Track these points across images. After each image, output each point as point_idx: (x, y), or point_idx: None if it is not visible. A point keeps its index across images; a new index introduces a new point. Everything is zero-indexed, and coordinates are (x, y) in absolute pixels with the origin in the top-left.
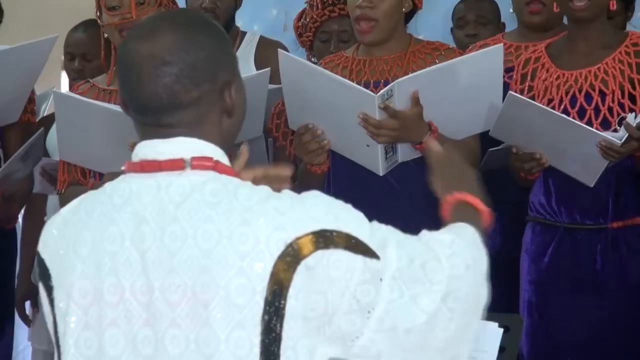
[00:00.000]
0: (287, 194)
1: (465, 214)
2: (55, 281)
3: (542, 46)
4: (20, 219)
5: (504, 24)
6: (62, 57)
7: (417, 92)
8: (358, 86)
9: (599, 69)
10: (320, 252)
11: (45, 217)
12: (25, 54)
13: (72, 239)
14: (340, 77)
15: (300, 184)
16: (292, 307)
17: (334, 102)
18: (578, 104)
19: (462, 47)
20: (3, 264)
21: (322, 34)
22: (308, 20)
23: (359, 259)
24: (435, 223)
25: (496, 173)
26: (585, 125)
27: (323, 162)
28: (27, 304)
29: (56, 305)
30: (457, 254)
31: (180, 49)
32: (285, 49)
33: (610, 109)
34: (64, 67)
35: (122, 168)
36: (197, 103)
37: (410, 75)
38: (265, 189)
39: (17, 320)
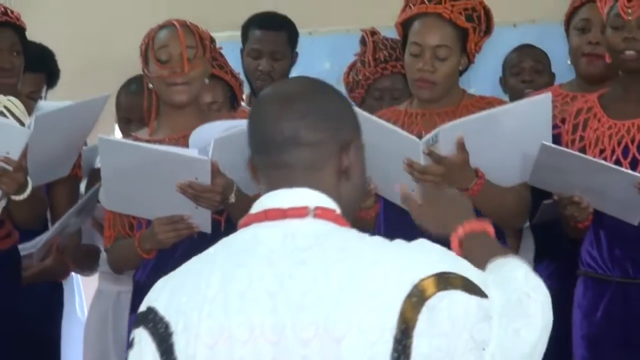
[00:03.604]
0: (400, 241)
1: (484, 244)
2: (177, 327)
3: (594, 96)
4: None
5: (554, 74)
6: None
7: (462, 138)
8: (403, 131)
9: None
10: (441, 294)
11: (99, 269)
12: (77, 112)
13: (194, 284)
14: (386, 122)
15: None
16: (417, 346)
17: (379, 147)
18: (630, 155)
19: (515, 94)
20: (53, 316)
21: (374, 91)
22: (360, 77)
23: (473, 300)
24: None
25: (549, 226)
26: (618, 167)
27: (371, 207)
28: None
29: (178, 350)
30: (535, 288)
31: (310, 91)
32: None
33: None
34: (120, 130)
35: (241, 221)
36: (315, 147)
37: (456, 121)
38: (381, 238)
39: None
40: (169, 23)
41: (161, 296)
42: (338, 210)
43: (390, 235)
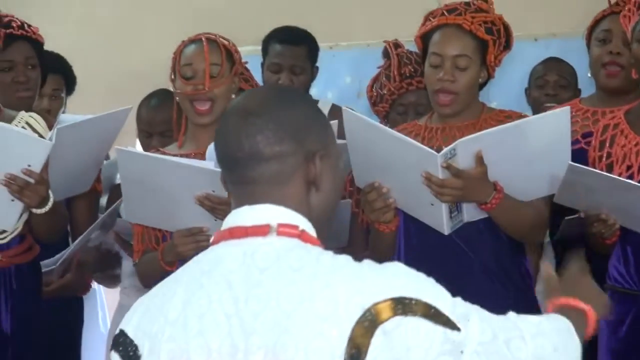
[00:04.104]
0: (368, 262)
1: (568, 315)
2: (143, 350)
3: (621, 112)
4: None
5: (579, 91)
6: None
7: (480, 151)
8: (420, 145)
9: None
10: (398, 318)
11: (120, 284)
12: (99, 125)
13: (159, 306)
14: (403, 136)
15: (372, 248)
16: None
17: (398, 160)
18: None
19: (538, 107)
20: (73, 330)
21: (398, 106)
22: (385, 91)
23: (439, 329)
24: (504, 287)
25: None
26: None
27: (390, 221)
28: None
29: None
30: (543, 334)
31: (268, 104)
32: None
33: None
34: (140, 143)
35: (211, 240)
36: (278, 159)
37: (474, 135)
38: (346, 257)
39: None
40: (197, 38)
41: (132, 318)
42: (303, 226)
43: (410, 247)
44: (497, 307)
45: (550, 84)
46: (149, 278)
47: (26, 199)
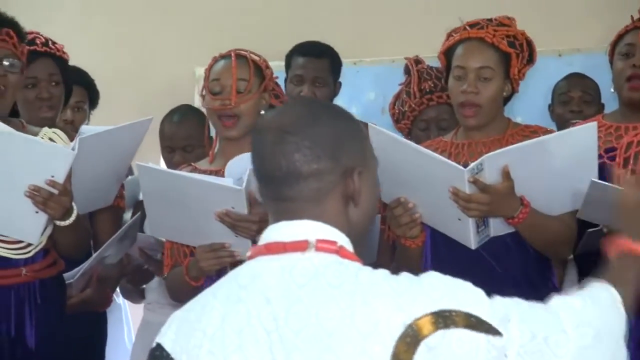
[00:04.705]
0: (405, 275)
1: (624, 270)
2: None
3: None
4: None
5: (603, 105)
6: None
7: (507, 166)
8: (447, 160)
9: None
10: (440, 332)
11: (144, 300)
12: (120, 135)
13: (196, 321)
14: (430, 151)
15: (398, 264)
16: None
17: (424, 175)
18: None
19: (563, 123)
20: (97, 345)
21: (420, 122)
22: (406, 108)
23: (482, 338)
24: (532, 301)
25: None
26: None
27: (417, 236)
28: None
29: None
30: (585, 323)
31: (304, 121)
32: None
33: None
34: (163, 159)
35: (248, 254)
36: (316, 177)
37: (501, 150)
38: (384, 272)
39: None
40: (227, 54)
41: (169, 332)
42: (341, 242)
43: (437, 262)
44: None
45: (575, 100)
46: (176, 292)
47: (50, 210)
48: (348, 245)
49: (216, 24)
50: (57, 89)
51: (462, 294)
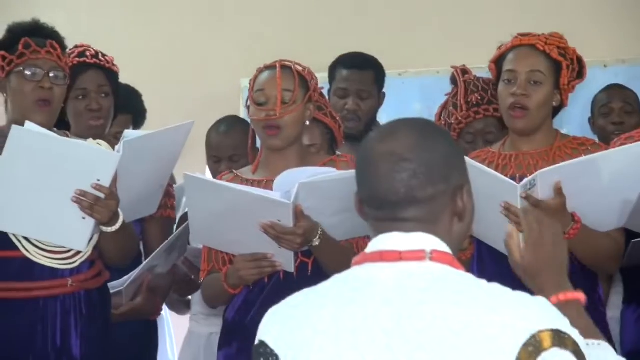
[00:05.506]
0: (520, 292)
1: (579, 316)
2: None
3: None
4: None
5: None
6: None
7: (560, 182)
8: (500, 175)
9: None
10: (555, 350)
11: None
12: (163, 139)
13: (304, 318)
14: (482, 165)
15: None
16: None
17: (476, 189)
18: None
19: (605, 136)
20: (147, 354)
21: (467, 135)
22: (452, 120)
23: None
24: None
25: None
26: None
27: (467, 248)
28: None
29: None
30: None
31: (418, 147)
32: None
33: None
34: (209, 169)
35: (354, 259)
36: (431, 201)
37: (554, 166)
38: (499, 285)
39: None
40: (272, 65)
41: (272, 329)
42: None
43: (483, 275)
44: None
45: (616, 112)
46: (212, 298)
47: (97, 214)
48: (455, 260)
49: (262, 36)
50: (106, 101)
51: (568, 323)
